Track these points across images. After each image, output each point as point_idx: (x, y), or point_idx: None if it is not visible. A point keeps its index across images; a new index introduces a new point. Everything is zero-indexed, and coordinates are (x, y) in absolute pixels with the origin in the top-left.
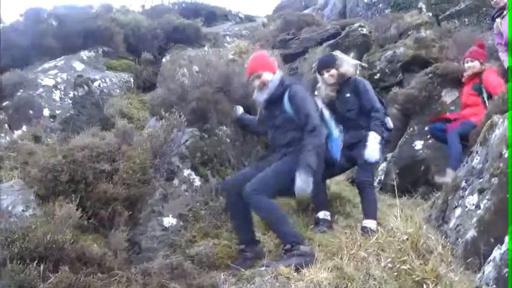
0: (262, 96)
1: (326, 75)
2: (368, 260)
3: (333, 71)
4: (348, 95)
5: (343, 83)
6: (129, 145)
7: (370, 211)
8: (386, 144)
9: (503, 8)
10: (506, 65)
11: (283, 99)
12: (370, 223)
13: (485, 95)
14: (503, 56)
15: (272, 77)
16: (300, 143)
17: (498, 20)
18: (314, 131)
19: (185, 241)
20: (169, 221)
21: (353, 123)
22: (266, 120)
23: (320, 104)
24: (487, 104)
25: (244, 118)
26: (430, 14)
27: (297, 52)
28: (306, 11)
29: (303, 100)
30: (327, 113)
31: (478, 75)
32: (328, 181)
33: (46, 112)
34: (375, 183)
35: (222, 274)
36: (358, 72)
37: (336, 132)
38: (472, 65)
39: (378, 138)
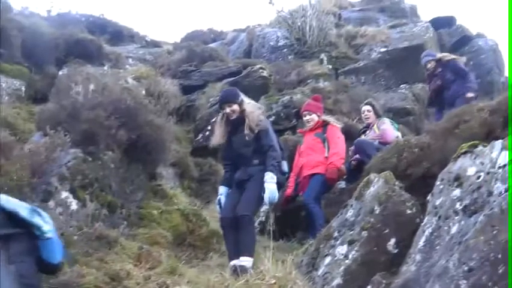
0: None
1: (227, 109)
2: None
3: (235, 106)
4: (247, 131)
5: (243, 119)
6: (7, 159)
7: (247, 247)
8: (279, 188)
9: (369, 125)
10: None
11: None
12: (247, 261)
13: (326, 145)
14: None
15: None
16: None
17: (363, 136)
18: None
19: None
20: None
21: (246, 161)
22: None
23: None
24: (326, 154)
25: None
26: (330, 66)
27: (197, 84)
28: (213, 45)
29: None
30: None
31: (321, 125)
32: (208, 217)
33: None
34: (256, 224)
35: None
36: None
37: (49, 230)
38: (310, 118)
39: (275, 178)
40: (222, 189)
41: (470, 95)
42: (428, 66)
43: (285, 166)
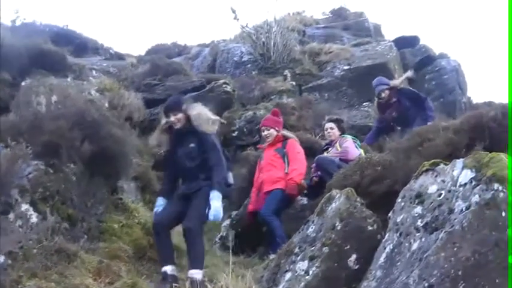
0: None
1: (172, 117)
2: None
3: (180, 115)
4: (193, 145)
5: (188, 131)
6: None
7: (196, 261)
8: (224, 199)
9: (332, 142)
10: None
11: None
12: (197, 273)
13: (286, 160)
14: None
15: None
16: None
17: (325, 153)
18: None
19: (10, 281)
20: None
21: (191, 175)
22: None
23: None
24: (286, 169)
25: None
26: (294, 83)
27: (161, 98)
28: (177, 59)
29: None
30: None
31: (280, 140)
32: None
33: None
34: (217, 239)
35: None
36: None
37: None
38: (269, 133)
39: (220, 196)
40: (161, 201)
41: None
42: (383, 95)
43: (230, 178)
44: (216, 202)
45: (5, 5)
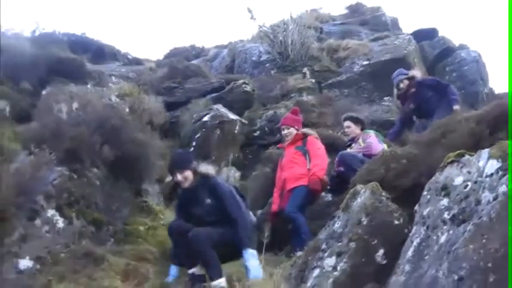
0: None
1: (179, 177)
2: None
3: (188, 173)
4: (209, 201)
5: (199, 186)
6: None
7: (213, 271)
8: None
9: (353, 139)
10: None
11: None
12: (219, 283)
13: (307, 157)
14: None
15: None
16: None
17: (348, 149)
18: None
19: (40, 285)
20: (25, 263)
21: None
22: None
23: None
24: (308, 166)
25: None
26: (313, 80)
27: (181, 101)
28: (195, 61)
29: None
30: None
31: (300, 138)
32: None
33: None
34: None
35: None
36: (238, 128)
37: None
38: (288, 132)
39: (255, 252)
40: (174, 270)
41: (456, 107)
42: (401, 85)
43: (252, 216)
44: (253, 262)
45: (26, 17)
